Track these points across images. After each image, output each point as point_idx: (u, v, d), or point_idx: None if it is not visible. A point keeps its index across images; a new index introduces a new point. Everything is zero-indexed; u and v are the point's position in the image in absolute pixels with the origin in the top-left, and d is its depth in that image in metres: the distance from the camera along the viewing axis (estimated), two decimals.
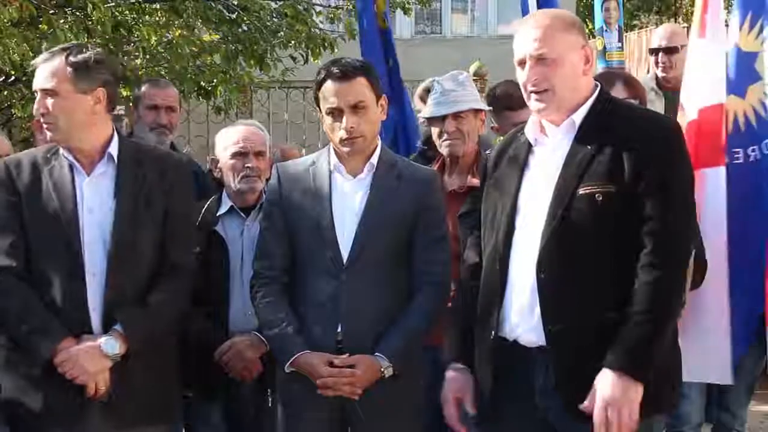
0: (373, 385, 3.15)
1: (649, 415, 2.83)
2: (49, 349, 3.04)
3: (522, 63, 2.93)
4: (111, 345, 3.08)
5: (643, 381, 2.73)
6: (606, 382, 2.72)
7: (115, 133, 3.29)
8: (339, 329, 3.18)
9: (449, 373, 3.12)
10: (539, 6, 5.26)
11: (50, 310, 3.07)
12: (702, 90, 3.68)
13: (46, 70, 3.17)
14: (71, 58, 3.16)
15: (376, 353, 3.16)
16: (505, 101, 4.14)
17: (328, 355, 3.15)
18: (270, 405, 3.61)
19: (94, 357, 3.06)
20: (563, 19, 2.96)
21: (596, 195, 2.79)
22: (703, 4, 3.71)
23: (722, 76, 3.65)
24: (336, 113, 3.22)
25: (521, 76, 2.95)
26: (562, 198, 2.83)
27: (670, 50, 5.31)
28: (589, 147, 2.85)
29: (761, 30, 3.61)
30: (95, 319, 3.12)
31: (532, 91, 2.92)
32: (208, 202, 3.86)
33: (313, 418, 3.21)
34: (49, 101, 3.15)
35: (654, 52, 5.43)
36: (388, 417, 3.20)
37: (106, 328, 3.11)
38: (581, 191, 2.81)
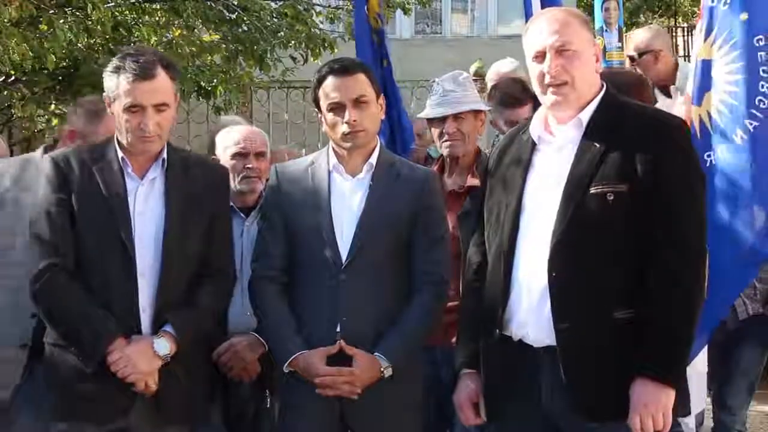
0: (372, 385, 3.15)
1: None
2: (102, 348, 3.05)
3: (539, 56, 2.91)
4: (163, 345, 3.11)
5: (676, 385, 2.76)
6: (638, 389, 2.73)
7: None
8: (338, 329, 3.18)
9: (461, 379, 3.12)
10: (543, 6, 5.25)
11: (102, 310, 3.09)
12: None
13: (157, 83, 3.13)
14: (171, 71, 3.18)
15: (376, 353, 3.16)
16: (499, 97, 4.19)
17: (325, 350, 3.15)
18: (269, 405, 3.61)
19: (147, 356, 3.08)
20: (577, 15, 2.99)
21: (608, 194, 2.80)
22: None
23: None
24: (338, 108, 3.23)
25: (537, 69, 2.93)
26: (572, 197, 2.83)
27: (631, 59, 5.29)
28: (598, 146, 2.85)
29: (714, 38, 3.65)
30: (145, 319, 3.14)
31: (549, 84, 2.90)
32: None
33: (313, 418, 3.21)
34: (162, 115, 3.14)
35: None
36: (388, 417, 3.21)
37: (154, 329, 3.13)
38: (592, 191, 2.81)
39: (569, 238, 2.82)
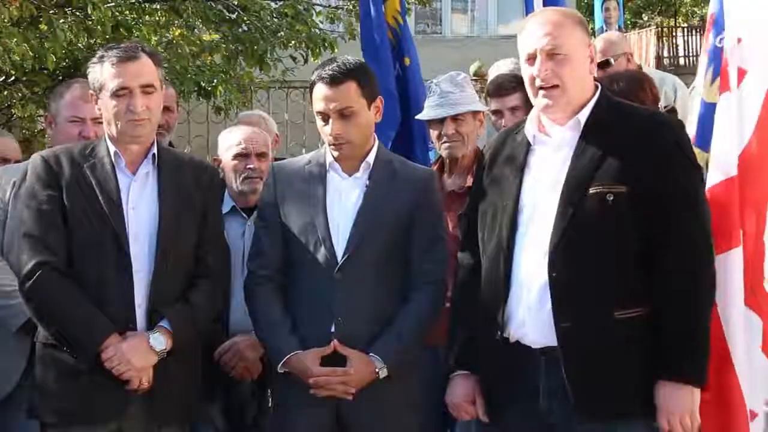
0: (368, 385, 3.15)
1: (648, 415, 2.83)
2: (96, 344, 3.04)
3: (531, 58, 2.92)
4: (159, 341, 3.10)
5: (699, 384, 2.78)
6: (662, 393, 2.76)
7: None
8: (332, 329, 3.18)
9: (454, 379, 3.14)
10: (545, 5, 5.24)
11: (96, 306, 3.07)
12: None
13: (141, 64, 3.15)
14: (154, 58, 3.20)
15: (371, 354, 3.16)
16: (487, 87, 4.26)
17: (319, 351, 3.15)
18: (270, 405, 3.62)
19: (142, 352, 3.07)
20: (573, 16, 2.98)
21: (607, 195, 2.81)
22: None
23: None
24: (324, 117, 3.22)
25: (528, 71, 2.93)
26: (572, 197, 2.85)
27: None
28: (596, 147, 2.86)
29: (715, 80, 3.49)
30: (140, 315, 3.13)
31: (540, 87, 2.91)
32: None
33: (310, 418, 3.20)
34: (149, 98, 3.15)
35: None
36: (385, 416, 3.20)
37: (149, 325, 3.13)
38: (592, 191, 2.83)
39: (569, 239, 2.83)
